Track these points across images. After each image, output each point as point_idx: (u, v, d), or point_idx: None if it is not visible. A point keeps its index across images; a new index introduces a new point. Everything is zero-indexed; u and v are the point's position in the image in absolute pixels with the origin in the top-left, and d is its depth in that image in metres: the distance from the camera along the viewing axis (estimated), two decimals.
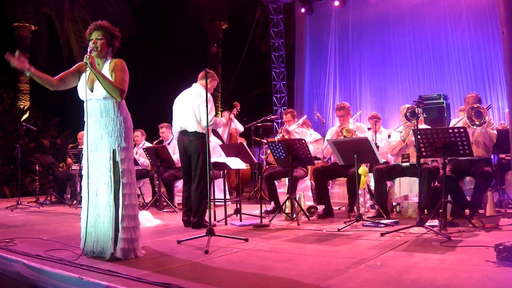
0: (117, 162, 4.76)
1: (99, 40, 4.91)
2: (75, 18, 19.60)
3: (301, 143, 7.34)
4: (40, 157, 12.34)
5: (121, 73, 4.86)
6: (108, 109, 4.82)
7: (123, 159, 4.80)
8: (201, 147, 6.98)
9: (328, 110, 16.30)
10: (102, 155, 4.79)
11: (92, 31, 4.96)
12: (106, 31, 4.96)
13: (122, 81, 4.81)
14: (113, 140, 4.77)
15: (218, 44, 22.27)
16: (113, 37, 5.02)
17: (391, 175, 7.64)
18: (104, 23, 5.00)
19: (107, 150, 4.77)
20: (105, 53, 4.97)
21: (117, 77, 4.82)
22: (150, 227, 7.15)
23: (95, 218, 4.80)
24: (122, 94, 4.78)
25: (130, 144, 4.93)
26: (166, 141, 10.60)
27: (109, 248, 4.69)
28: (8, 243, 5.55)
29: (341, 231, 6.27)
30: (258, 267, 4.33)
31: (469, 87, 13.35)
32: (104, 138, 4.80)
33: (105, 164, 4.76)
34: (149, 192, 10.76)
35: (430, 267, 4.11)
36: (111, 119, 4.81)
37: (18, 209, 10.20)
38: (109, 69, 4.88)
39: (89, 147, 4.85)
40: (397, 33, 15.01)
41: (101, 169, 4.78)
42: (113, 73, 4.85)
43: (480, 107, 6.68)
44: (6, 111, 16.13)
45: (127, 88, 4.88)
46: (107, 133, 4.78)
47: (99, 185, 4.80)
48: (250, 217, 7.89)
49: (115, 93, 4.73)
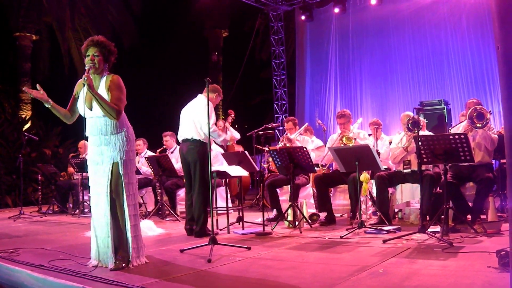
0: (120, 174, 4.79)
1: (96, 57, 4.87)
2: (76, 28, 19.63)
3: (302, 151, 7.35)
4: (42, 167, 12.35)
5: (117, 92, 4.84)
6: (108, 126, 4.84)
7: (126, 172, 4.84)
8: (199, 155, 7.00)
9: (329, 116, 16.32)
10: (102, 168, 4.83)
11: (89, 47, 4.92)
12: (103, 47, 4.93)
13: (118, 100, 4.80)
14: (115, 153, 4.80)
15: (219, 52, 22.31)
16: (109, 53, 4.99)
17: (392, 182, 7.65)
18: (101, 38, 4.97)
19: (107, 163, 4.81)
20: (101, 69, 4.94)
21: (113, 96, 4.81)
22: (153, 236, 7.16)
23: (99, 228, 4.84)
24: (118, 115, 4.79)
25: (132, 156, 4.97)
26: (169, 150, 10.61)
27: (110, 257, 4.72)
28: (11, 253, 5.57)
29: (343, 238, 6.28)
30: (261, 275, 4.34)
31: (470, 92, 13.39)
32: (105, 153, 4.83)
33: (104, 175, 4.80)
34: (152, 201, 10.77)
35: (432, 273, 4.13)
36: (111, 135, 4.83)
37: (20, 219, 10.21)
38: (105, 86, 4.87)
39: (92, 160, 4.90)
40: (397, 39, 15.06)
41: (101, 181, 4.82)
42: (109, 92, 4.84)
43: (483, 108, 6.68)
44: (8, 120, 16.13)
45: (124, 105, 4.88)
46: (109, 148, 4.82)
47: (99, 196, 4.84)
48: (253, 225, 7.89)
49: (112, 114, 4.73)
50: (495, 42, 2.83)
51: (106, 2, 20.34)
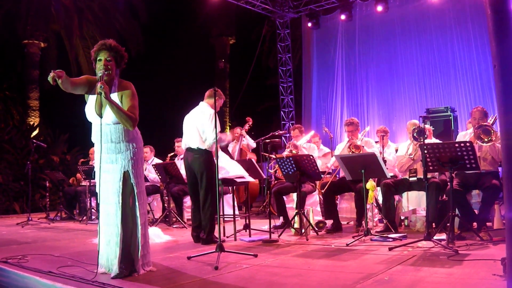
0: (132, 183, 4.78)
1: (108, 62, 4.78)
2: (84, 35, 19.76)
3: (309, 158, 7.38)
4: (50, 174, 12.41)
5: (132, 100, 4.79)
6: (118, 133, 4.78)
7: (137, 182, 4.82)
8: (205, 164, 7.01)
9: (336, 124, 16.31)
10: (112, 176, 4.78)
11: (101, 51, 4.81)
12: (115, 52, 4.84)
13: (133, 109, 4.75)
14: (126, 162, 4.76)
15: (226, 59, 22.39)
16: (121, 58, 4.91)
17: (398, 189, 7.67)
18: (113, 42, 4.88)
19: (118, 172, 4.76)
20: (113, 75, 4.84)
21: (129, 105, 4.75)
22: (160, 243, 7.18)
23: (109, 237, 4.81)
24: (134, 123, 4.75)
25: (141, 165, 4.96)
26: (179, 156, 10.61)
27: (115, 265, 4.72)
28: (20, 259, 5.59)
29: (349, 246, 6.30)
30: (267, 283, 4.37)
31: (476, 99, 13.37)
32: (114, 161, 4.79)
33: (115, 184, 4.76)
34: (159, 208, 10.82)
35: (437, 281, 4.15)
36: (122, 143, 4.79)
37: (28, 225, 10.25)
38: (118, 95, 4.80)
39: (102, 168, 4.81)
40: (403, 46, 15.06)
41: (111, 190, 4.78)
42: (122, 98, 4.78)
43: (487, 125, 6.69)
44: (16, 127, 16.22)
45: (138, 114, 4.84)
46: (119, 156, 4.78)
47: (109, 205, 4.80)
48: (259, 232, 7.91)
49: (129, 123, 4.68)
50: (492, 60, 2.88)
51: (114, 10, 20.47)
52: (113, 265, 4.75)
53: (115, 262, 4.72)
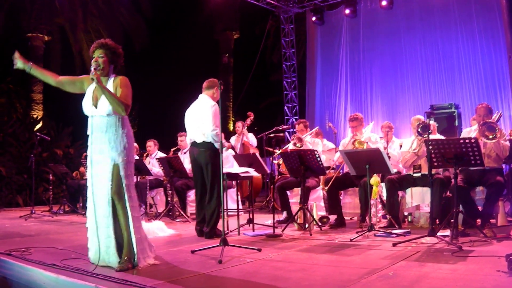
0: (121, 176, 4.86)
1: (100, 58, 5.00)
2: (88, 29, 19.72)
3: (313, 153, 7.37)
4: (53, 167, 12.41)
5: (125, 89, 4.97)
6: (111, 125, 4.91)
7: (127, 174, 4.91)
8: (210, 157, 7.03)
9: (339, 119, 16.30)
10: (103, 168, 4.88)
11: (95, 49, 5.07)
12: (107, 49, 5.05)
13: (126, 96, 4.93)
14: (116, 154, 4.87)
15: (230, 54, 22.37)
16: (114, 54, 5.11)
17: (402, 185, 7.65)
18: (107, 41, 5.11)
19: (108, 164, 4.86)
20: (107, 71, 5.04)
21: (122, 93, 4.92)
22: (164, 237, 7.20)
23: (100, 229, 4.89)
24: (127, 108, 4.90)
25: (132, 158, 5.04)
26: (183, 150, 10.62)
27: (112, 256, 4.80)
28: (23, 252, 5.60)
29: (353, 241, 6.30)
30: (271, 277, 4.37)
31: (480, 95, 13.35)
32: (105, 152, 4.89)
33: (106, 176, 4.85)
34: (162, 202, 10.84)
35: (442, 277, 4.14)
36: (113, 134, 4.90)
37: (32, 218, 10.27)
38: (113, 86, 4.98)
39: (93, 160, 4.96)
40: (407, 42, 15.03)
41: (102, 182, 4.88)
42: (117, 89, 4.95)
43: (492, 122, 6.68)
44: (20, 120, 16.22)
45: (131, 103, 5.01)
46: (109, 147, 4.87)
47: (99, 197, 4.89)
48: (263, 227, 7.91)
49: (121, 107, 4.84)
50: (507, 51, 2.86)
51: (118, 4, 20.44)
52: (109, 257, 4.84)
53: (111, 253, 4.82)
